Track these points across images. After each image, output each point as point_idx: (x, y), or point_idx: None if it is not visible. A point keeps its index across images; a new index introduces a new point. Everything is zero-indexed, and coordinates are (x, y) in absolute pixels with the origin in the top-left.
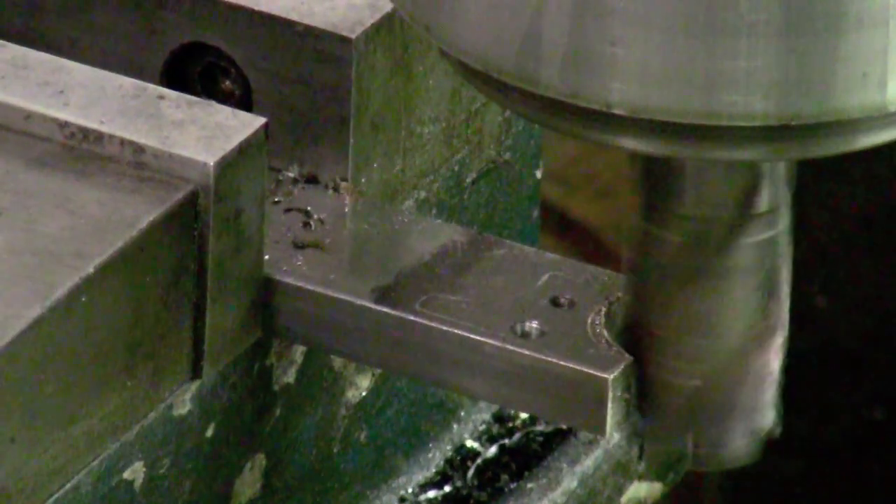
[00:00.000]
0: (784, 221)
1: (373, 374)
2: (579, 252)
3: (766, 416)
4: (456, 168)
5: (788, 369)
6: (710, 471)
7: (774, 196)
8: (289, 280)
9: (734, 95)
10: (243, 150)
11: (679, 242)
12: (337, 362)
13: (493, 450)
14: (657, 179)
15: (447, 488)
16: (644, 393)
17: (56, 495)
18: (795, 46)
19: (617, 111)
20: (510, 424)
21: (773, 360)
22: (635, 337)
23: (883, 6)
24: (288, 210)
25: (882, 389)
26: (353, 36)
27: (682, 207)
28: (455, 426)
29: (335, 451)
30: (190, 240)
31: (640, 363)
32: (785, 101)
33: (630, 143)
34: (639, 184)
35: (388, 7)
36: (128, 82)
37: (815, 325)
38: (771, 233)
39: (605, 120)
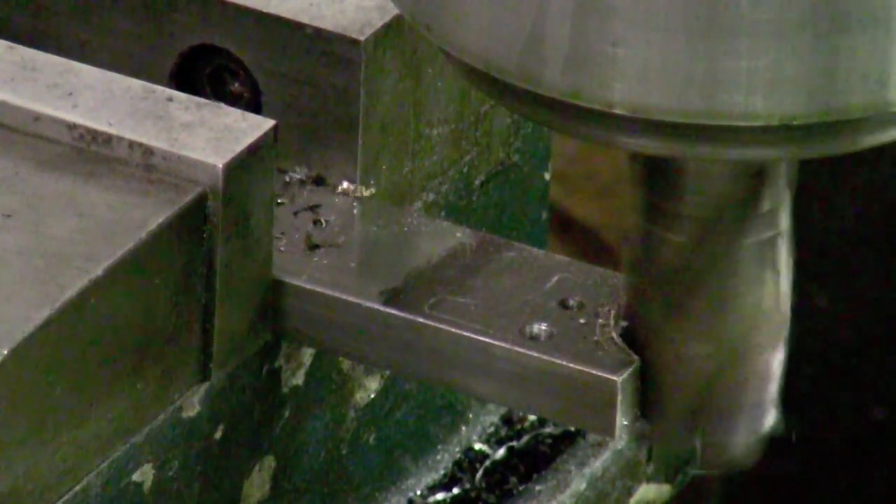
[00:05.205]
0: (784, 221)
1: (381, 377)
2: (579, 252)
3: (768, 416)
4: (465, 170)
5: (788, 369)
6: (714, 473)
7: (774, 196)
8: (297, 282)
9: (735, 95)
10: (252, 152)
11: (679, 242)
12: (345, 364)
13: (501, 452)
14: (657, 179)
15: (456, 490)
16: (646, 394)
17: (65, 497)
18: (796, 46)
19: (618, 111)
20: (518, 426)
21: (774, 360)
22: (636, 337)
23: (883, 6)
24: (296, 212)
25: (882, 389)
26: (362, 38)
27: (682, 207)
28: (463, 428)
29: (344, 453)
30: (199, 242)
31: (642, 364)
32: (785, 101)
33: (631, 142)
34: (639, 184)
35: (397, 9)
36: (137, 84)
37: (815, 325)
38: (771, 233)
39: (606, 120)
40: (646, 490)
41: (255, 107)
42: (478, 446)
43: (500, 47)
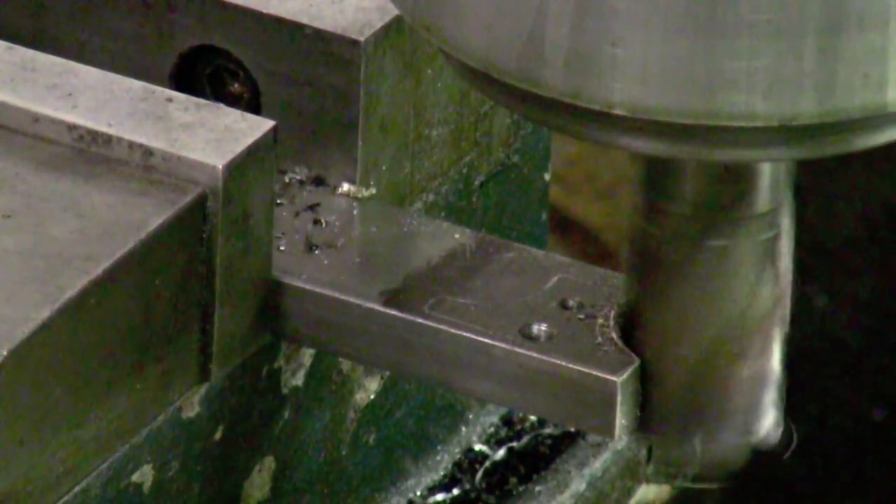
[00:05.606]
0: (784, 221)
1: (381, 377)
2: (579, 253)
3: (767, 417)
4: (464, 171)
5: (788, 369)
6: (711, 478)
7: (774, 196)
8: (297, 282)
9: (734, 95)
10: (252, 152)
11: (680, 243)
12: (345, 365)
13: (501, 452)
14: (657, 179)
15: (455, 491)
16: (645, 394)
17: (65, 498)
18: (795, 46)
19: (618, 111)
20: (518, 427)
21: (774, 360)
22: (637, 337)
23: (883, 6)
24: (297, 212)
25: (882, 389)
26: (361, 39)
27: (682, 207)
28: (463, 429)
29: (344, 453)
30: (198, 242)
31: (642, 363)
32: (785, 101)
33: (631, 143)
34: (639, 183)
35: (397, 10)
36: (136, 85)
37: (815, 325)
38: (771, 233)
39: (606, 120)
40: (646, 490)
41: (254, 107)
42: (478, 447)
43: (500, 47)
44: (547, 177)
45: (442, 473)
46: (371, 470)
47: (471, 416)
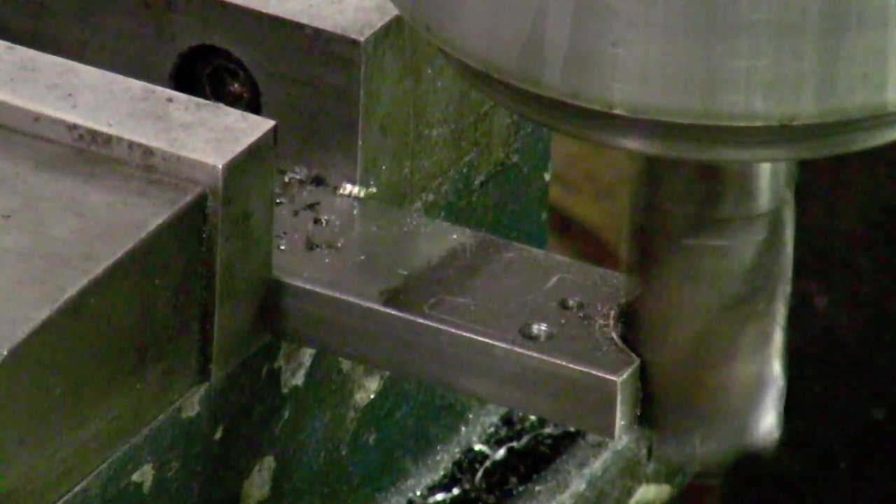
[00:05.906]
0: (784, 221)
1: (381, 377)
2: (579, 252)
3: (767, 416)
4: (464, 170)
5: (788, 369)
6: (709, 471)
7: (775, 196)
8: (297, 282)
9: (734, 95)
10: (252, 152)
11: (679, 242)
12: (345, 365)
13: (501, 452)
14: (656, 178)
15: (455, 491)
16: (645, 393)
17: (65, 498)
18: (796, 46)
19: (618, 111)
20: (518, 427)
21: (773, 360)
22: (637, 337)
23: (883, 6)
24: (296, 212)
25: (882, 389)
26: (361, 39)
27: (681, 207)
28: (463, 429)
29: (344, 453)
30: (198, 242)
31: (642, 363)
32: (785, 101)
33: (631, 143)
34: (638, 183)
35: (397, 10)
36: (136, 85)
37: (815, 325)
38: (771, 233)
39: (606, 120)
40: (646, 490)
41: (254, 107)
42: (478, 447)
43: (499, 47)
44: (547, 177)
45: (442, 473)
46: (371, 470)
47: (471, 416)
